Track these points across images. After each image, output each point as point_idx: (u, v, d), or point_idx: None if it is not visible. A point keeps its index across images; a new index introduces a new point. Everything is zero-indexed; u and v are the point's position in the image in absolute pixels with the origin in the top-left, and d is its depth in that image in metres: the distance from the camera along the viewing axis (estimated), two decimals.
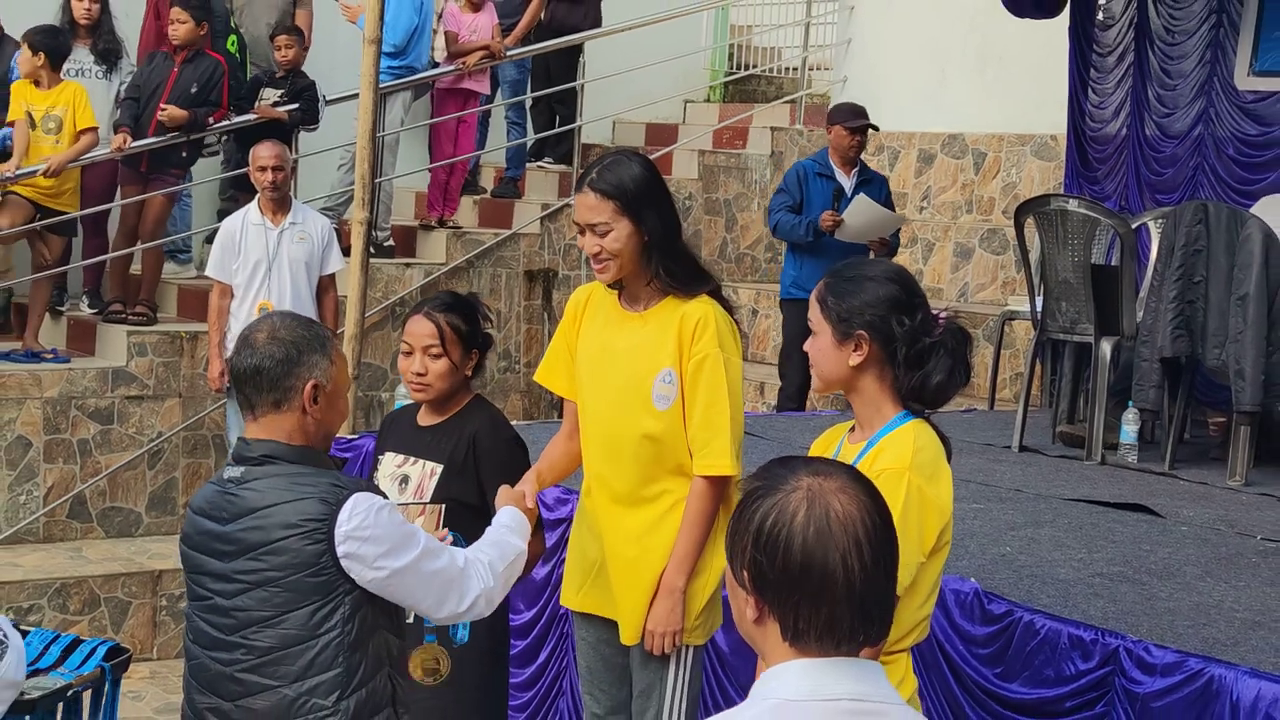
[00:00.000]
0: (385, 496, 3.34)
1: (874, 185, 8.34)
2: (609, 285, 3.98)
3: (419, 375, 4.20)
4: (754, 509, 2.18)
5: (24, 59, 8.49)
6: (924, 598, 3.32)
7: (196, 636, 3.31)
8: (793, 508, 2.15)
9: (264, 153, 7.75)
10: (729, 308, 3.96)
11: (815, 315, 3.35)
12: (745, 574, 2.18)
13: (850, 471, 2.22)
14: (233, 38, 9.52)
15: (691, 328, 3.85)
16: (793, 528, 2.14)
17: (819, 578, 2.13)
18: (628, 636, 3.97)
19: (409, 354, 4.22)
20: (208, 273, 7.93)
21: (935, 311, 3.36)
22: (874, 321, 3.28)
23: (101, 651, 3.57)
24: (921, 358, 3.28)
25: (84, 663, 3.90)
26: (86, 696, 4.03)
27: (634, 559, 3.93)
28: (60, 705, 3.78)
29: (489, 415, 4.33)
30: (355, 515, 3.17)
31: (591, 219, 3.85)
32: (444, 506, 4.15)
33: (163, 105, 8.60)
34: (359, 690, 3.24)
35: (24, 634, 3.57)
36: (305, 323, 3.37)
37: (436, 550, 3.32)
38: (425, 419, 4.31)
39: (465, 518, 4.14)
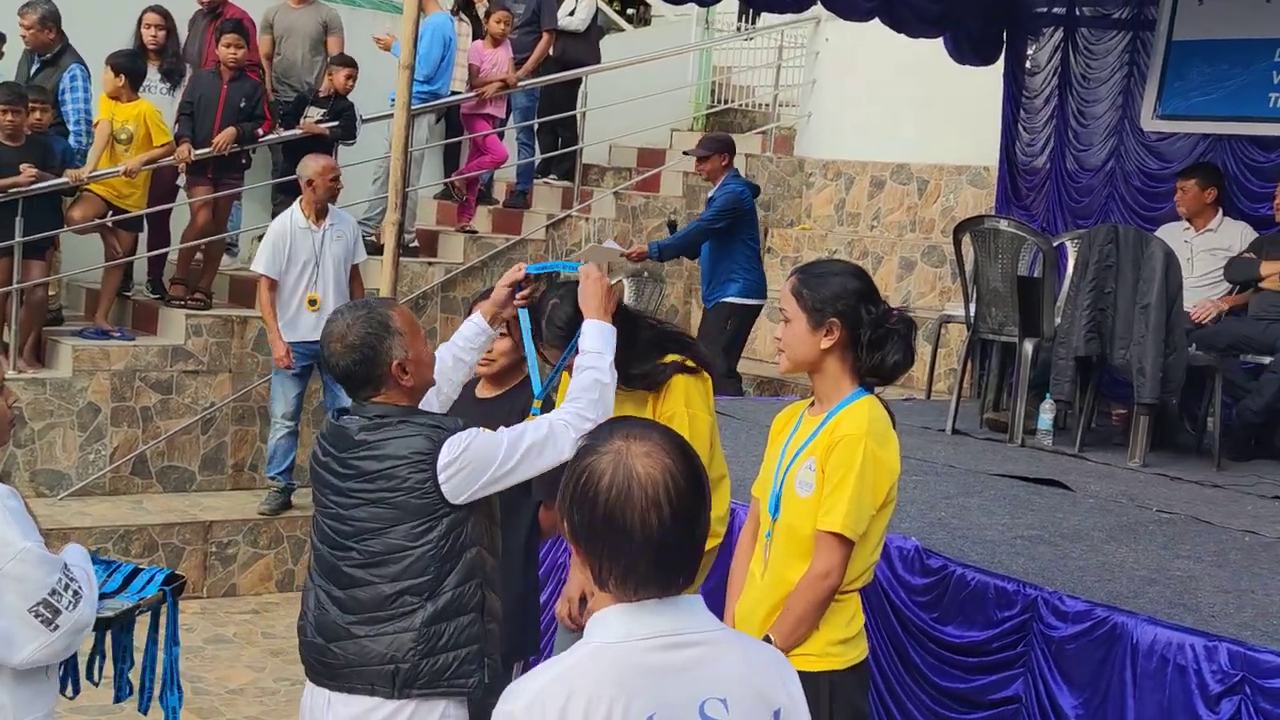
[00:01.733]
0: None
1: (713, 197, 8.53)
2: None
3: (486, 351, 4.15)
4: (574, 467, 2.15)
5: (108, 79, 8.47)
6: (873, 545, 3.39)
7: (320, 535, 3.46)
8: (600, 468, 2.11)
9: (322, 164, 7.87)
10: (704, 364, 3.92)
11: (790, 306, 3.40)
12: (565, 525, 2.15)
13: (663, 435, 2.16)
14: None
15: (662, 390, 3.86)
16: (599, 487, 2.10)
17: (619, 532, 2.08)
18: None
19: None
20: (257, 268, 7.87)
21: (891, 308, 3.43)
22: (845, 310, 3.34)
23: (159, 578, 3.57)
24: (882, 341, 3.35)
25: (144, 588, 3.89)
26: (148, 619, 4.07)
27: None
28: (130, 622, 3.81)
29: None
30: (452, 450, 3.29)
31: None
32: None
33: (217, 126, 8.63)
34: (445, 594, 3.35)
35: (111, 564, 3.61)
36: (365, 317, 3.41)
37: (520, 440, 3.37)
38: (483, 391, 4.28)
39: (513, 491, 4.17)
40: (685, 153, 8.65)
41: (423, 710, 3.35)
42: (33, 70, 8.70)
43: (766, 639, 3.22)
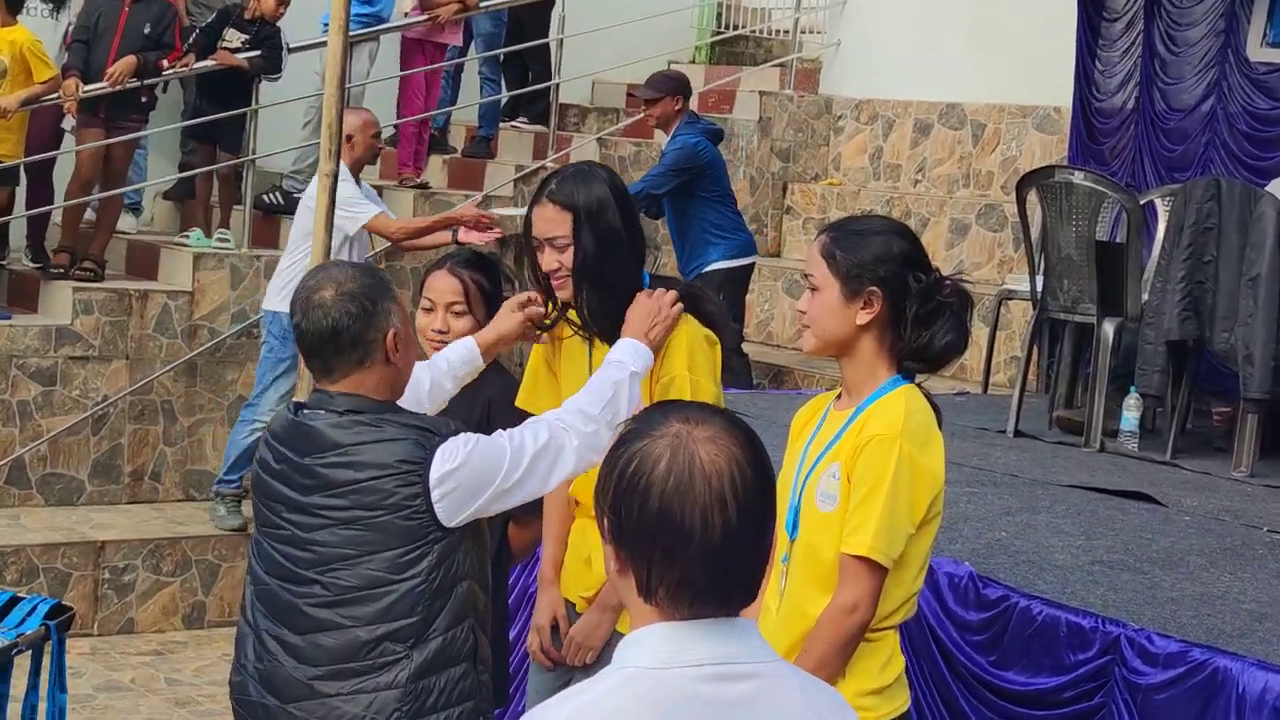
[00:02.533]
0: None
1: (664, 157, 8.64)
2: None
3: (440, 333, 4.12)
4: (620, 453, 2.13)
5: None
6: (914, 572, 3.34)
7: (267, 564, 3.32)
8: (655, 455, 2.10)
9: (362, 119, 8.17)
10: (712, 323, 3.89)
11: (820, 273, 3.34)
12: (606, 522, 2.13)
13: (727, 419, 2.15)
14: None
15: (662, 348, 3.78)
16: (652, 477, 2.08)
17: (674, 533, 2.07)
18: None
19: (430, 310, 4.16)
20: (368, 214, 7.99)
21: (945, 276, 3.38)
22: (888, 277, 3.28)
23: (43, 609, 3.50)
24: (931, 317, 3.29)
25: (23, 621, 3.83)
26: (28, 660, 4.01)
27: None
28: (7, 664, 3.75)
29: (505, 382, 4.30)
30: (447, 461, 3.19)
31: (550, 232, 3.79)
32: None
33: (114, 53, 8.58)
34: (435, 639, 3.26)
35: None
36: (365, 269, 3.39)
37: (519, 446, 3.31)
38: None
39: None
40: (631, 93, 8.64)
41: None
42: None
43: None
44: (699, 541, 2.07)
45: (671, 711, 2.05)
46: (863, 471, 3.23)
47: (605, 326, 3.81)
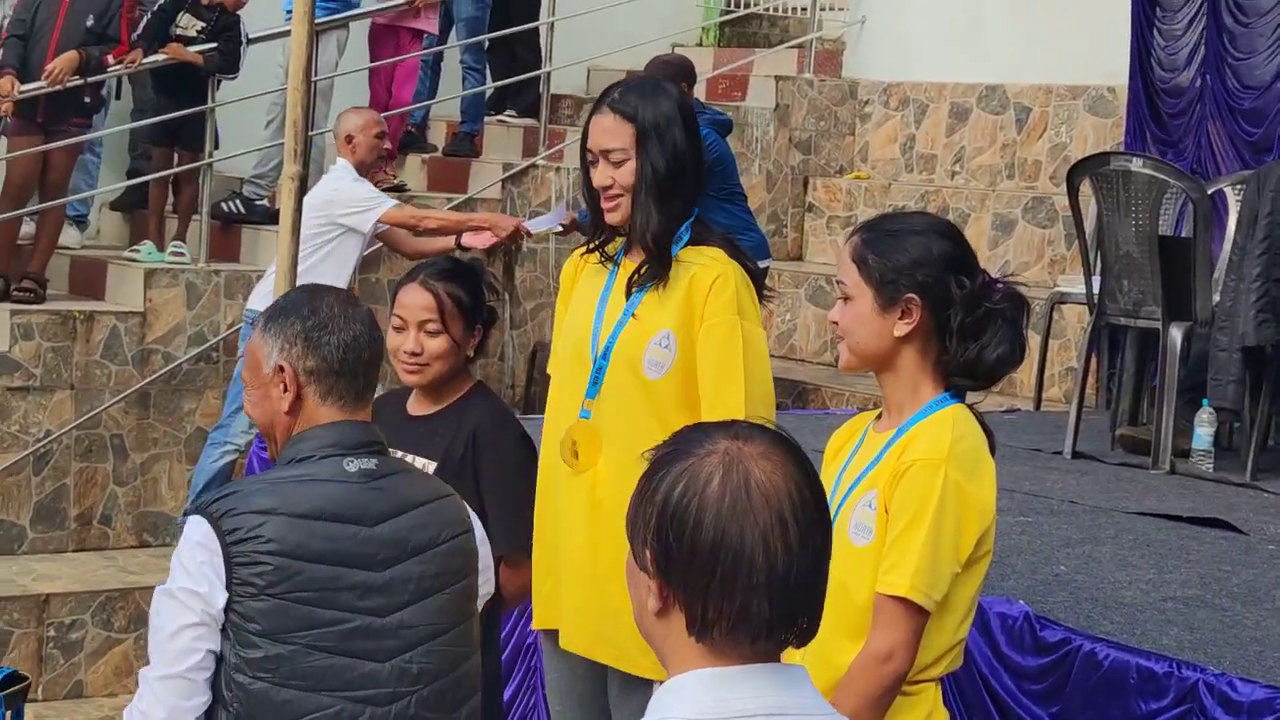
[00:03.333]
0: None
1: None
2: (617, 230, 4.00)
3: (413, 355, 4.15)
4: (661, 476, 2.14)
5: None
6: (960, 616, 3.31)
7: (319, 680, 3.04)
8: (706, 474, 2.10)
9: (364, 118, 8.38)
10: (747, 262, 3.98)
11: (851, 279, 3.32)
12: (648, 554, 2.13)
13: (776, 435, 2.17)
14: None
15: (705, 289, 3.87)
16: (704, 498, 2.09)
17: (734, 559, 2.07)
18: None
19: (401, 329, 4.17)
20: (384, 207, 8.14)
21: (995, 279, 3.34)
22: (927, 283, 3.26)
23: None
24: (979, 327, 3.26)
25: None
26: None
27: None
28: None
29: (492, 407, 4.33)
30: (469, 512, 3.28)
31: (607, 144, 3.89)
32: None
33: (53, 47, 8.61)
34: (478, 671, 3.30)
35: None
36: (347, 292, 3.47)
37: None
38: (417, 407, 4.29)
39: None
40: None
41: None
42: None
43: None
44: (762, 568, 2.07)
45: None
46: (903, 500, 3.19)
47: (653, 253, 3.90)
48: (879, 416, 3.40)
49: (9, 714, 3.52)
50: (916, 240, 3.30)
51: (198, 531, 2.98)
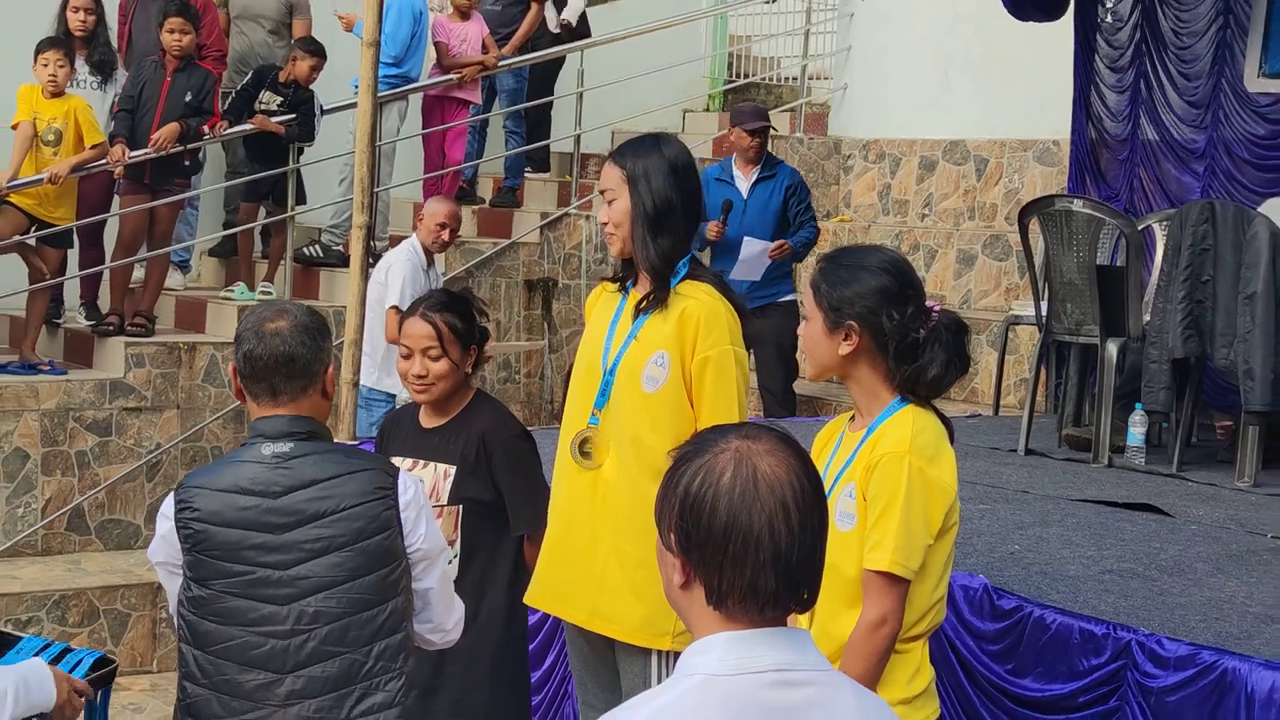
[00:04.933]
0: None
1: (777, 178, 8.37)
2: (619, 263, 4.04)
3: (420, 377, 4.18)
4: (682, 471, 2.16)
5: (41, 67, 8.48)
6: (936, 579, 3.34)
7: (229, 617, 3.26)
8: (719, 468, 2.13)
9: (433, 208, 7.88)
10: (734, 300, 3.95)
11: (808, 301, 3.37)
12: (672, 536, 2.16)
13: (780, 434, 2.20)
14: None
15: (698, 321, 3.84)
16: (719, 488, 2.12)
17: (743, 539, 2.10)
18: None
19: (408, 356, 4.20)
20: (393, 303, 7.54)
21: (931, 305, 3.37)
22: (864, 313, 3.29)
23: (88, 663, 3.37)
24: (914, 351, 3.30)
25: (72, 670, 3.71)
26: None
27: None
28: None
29: (494, 410, 4.34)
30: (408, 489, 3.36)
31: (604, 186, 3.94)
32: (461, 507, 4.17)
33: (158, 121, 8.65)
34: (413, 655, 3.39)
35: (15, 641, 3.40)
36: (307, 309, 3.49)
37: (443, 549, 3.50)
38: (428, 420, 4.29)
39: (481, 515, 4.19)
40: (744, 128, 8.37)
41: None
42: None
43: None
44: (768, 547, 2.10)
45: (737, 715, 2.07)
46: (877, 489, 3.23)
47: (656, 278, 3.89)
48: (852, 418, 3.44)
49: (98, 694, 3.41)
50: (863, 275, 3.33)
51: (167, 505, 3.35)
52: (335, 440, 3.59)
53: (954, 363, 3.33)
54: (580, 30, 11.03)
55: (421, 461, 4.26)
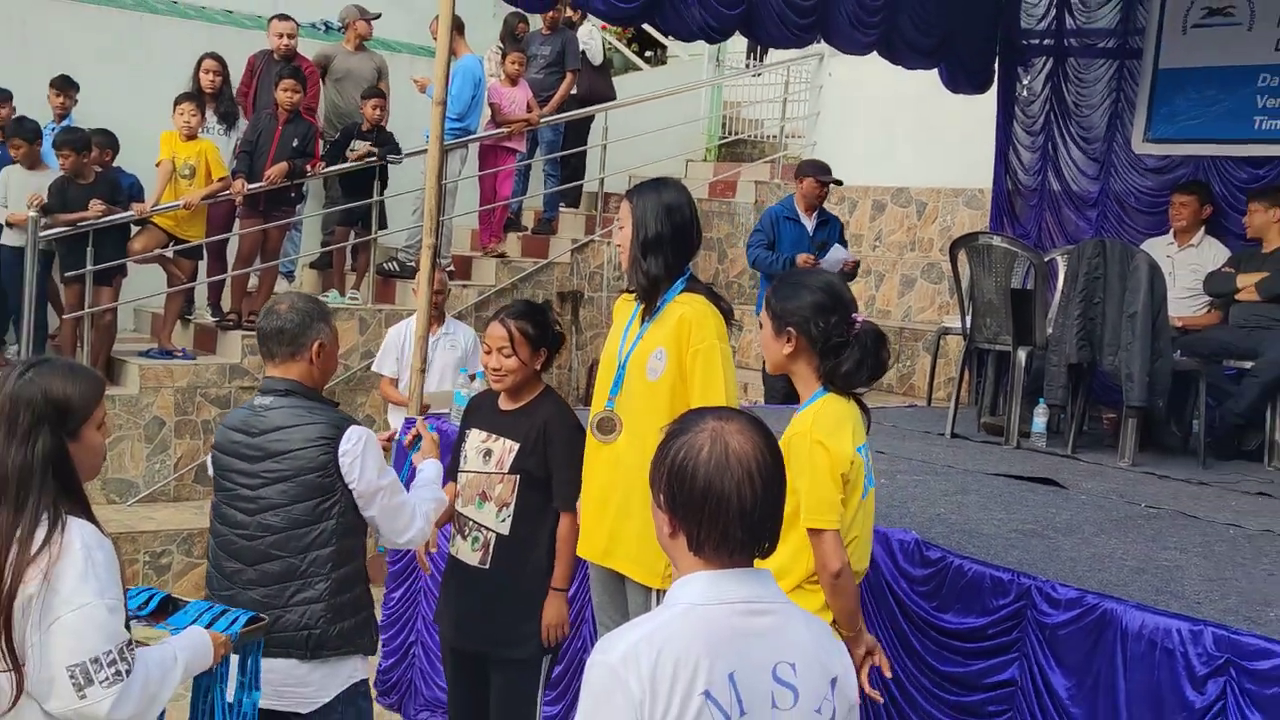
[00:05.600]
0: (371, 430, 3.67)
1: (831, 225, 8.30)
2: (628, 280, 4.03)
3: (495, 370, 4.18)
4: (669, 445, 2.18)
5: (179, 117, 8.51)
6: (843, 539, 3.33)
7: (223, 519, 3.58)
8: (699, 444, 2.15)
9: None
10: (722, 304, 3.93)
11: (765, 311, 3.45)
12: (662, 497, 2.18)
13: (750, 418, 2.21)
14: None
15: (691, 324, 3.83)
16: (698, 460, 2.13)
17: (717, 500, 2.11)
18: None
19: (489, 352, 4.19)
20: (375, 368, 7.36)
21: (855, 317, 3.42)
22: (799, 322, 3.36)
23: (242, 620, 3.36)
24: (836, 351, 3.34)
25: (229, 627, 3.44)
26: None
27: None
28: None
29: (557, 405, 4.29)
30: (352, 440, 3.51)
31: (619, 217, 3.97)
32: (518, 478, 4.16)
33: (270, 162, 8.67)
34: (344, 567, 3.56)
35: (183, 605, 3.31)
36: (313, 299, 3.71)
37: (399, 489, 3.65)
38: (505, 404, 4.27)
39: (533, 486, 4.18)
40: (818, 179, 8.05)
41: (334, 666, 3.56)
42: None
43: None
44: (735, 507, 2.12)
45: (714, 635, 2.09)
46: (794, 464, 3.23)
47: (644, 292, 3.93)
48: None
49: (250, 655, 3.36)
50: (802, 293, 3.40)
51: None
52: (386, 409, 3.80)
53: (866, 363, 3.37)
54: (605, 91, 10.99)
55: (494, 436, 4.23)
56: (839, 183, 8.32)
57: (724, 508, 2.11)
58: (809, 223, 8.16)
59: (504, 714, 4.23)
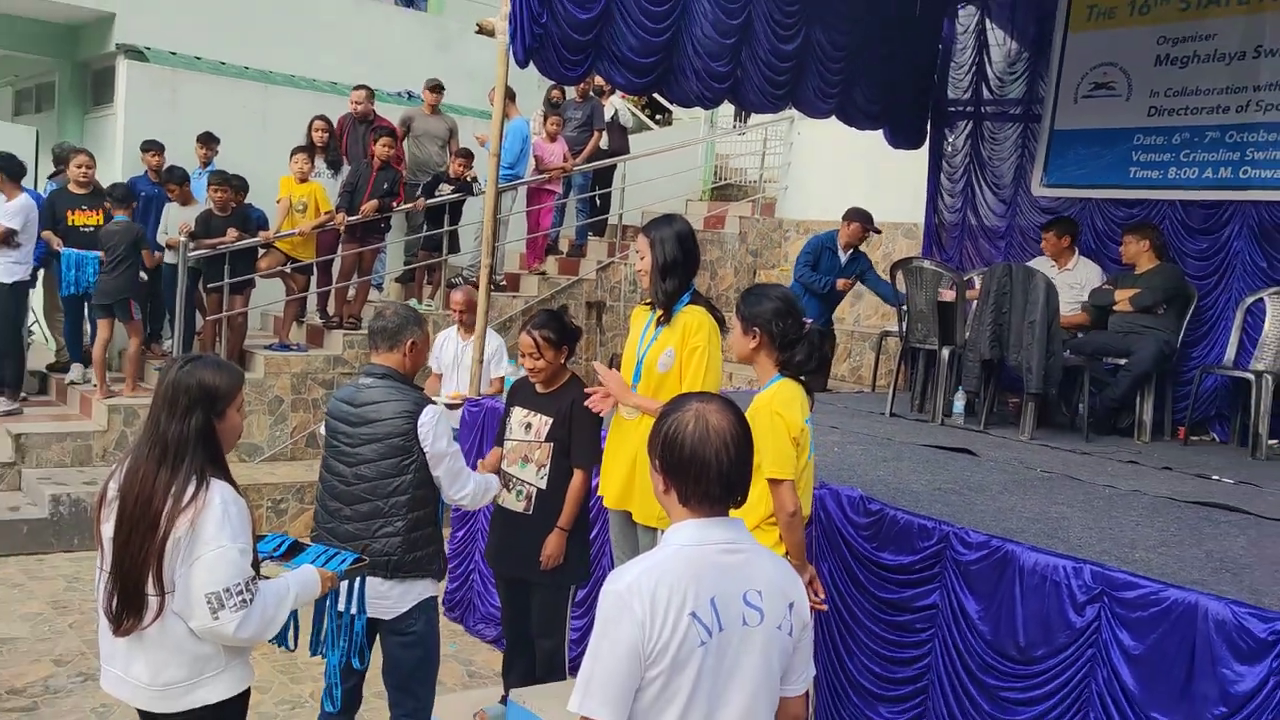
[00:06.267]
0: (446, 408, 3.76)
1: (859, 259, 8.03)
2: (645, 294, 4.00)
3: (529, 369, 4.20)
4: (663, 422, 2.19)
5: (294, 165, 8.55)
6: (796, 483, 3.33)
7: (329, 468, 3.63)
8: (685, 420, 2.15)
9: (457, 297, 6.65)
10: (717, 314, 3.93)
11: (735, 315, 3.47)
12: (658, 461, 2.18)
13: (726, 400, 2.22)
14: None
15: (693, 329, 3.85)
16: (685, 433, 2.13)
17: (700, 465, 2.12)
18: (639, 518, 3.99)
19: (523, 356, 4.22)
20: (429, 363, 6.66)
21: (806, 320, 3.47)
22: (762, 323, 3.38)
23: (349, 560, 3.36)
24: (791, 345, 3.37)
25: (338, 565, 3.42)
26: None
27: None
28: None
29: (580, 389, 4.29)
30: (428, 415, 3.53)
31: (638, 248, 3.94)
32: (553, 444, 4.17)
33: (366, 201, 8.69)
34: (417, 511, 3.57)
35: (305, 548, 3.29)
36: (411, 309, 3.73)
37: (460, 458, 3.63)
38: (541, 388, 4.29)
39: (563, 452, 4.20)
40: (865, 226, 7.82)
41: (409, 585, 3.58)
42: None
43: None
44: (714, 469, 2.12)
45: (699, 569, 2.09)
46: (756, 431, 3.21)
47: (664, 304, 3.90)
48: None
49: (355, 584, 3.41)
50: (765, 301, 3.42)
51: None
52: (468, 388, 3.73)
53: (814, 355, 3.40)
54: (621, 145, 10.97)
55: (534, 412, 4.25)
56: (879, 232, 8.09)
57: (706, 470, 2.11)
58: (843, 255, 7.98)
59: (541, 623, 4.27)
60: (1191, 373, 6.98)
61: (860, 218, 7.98)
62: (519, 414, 4.30)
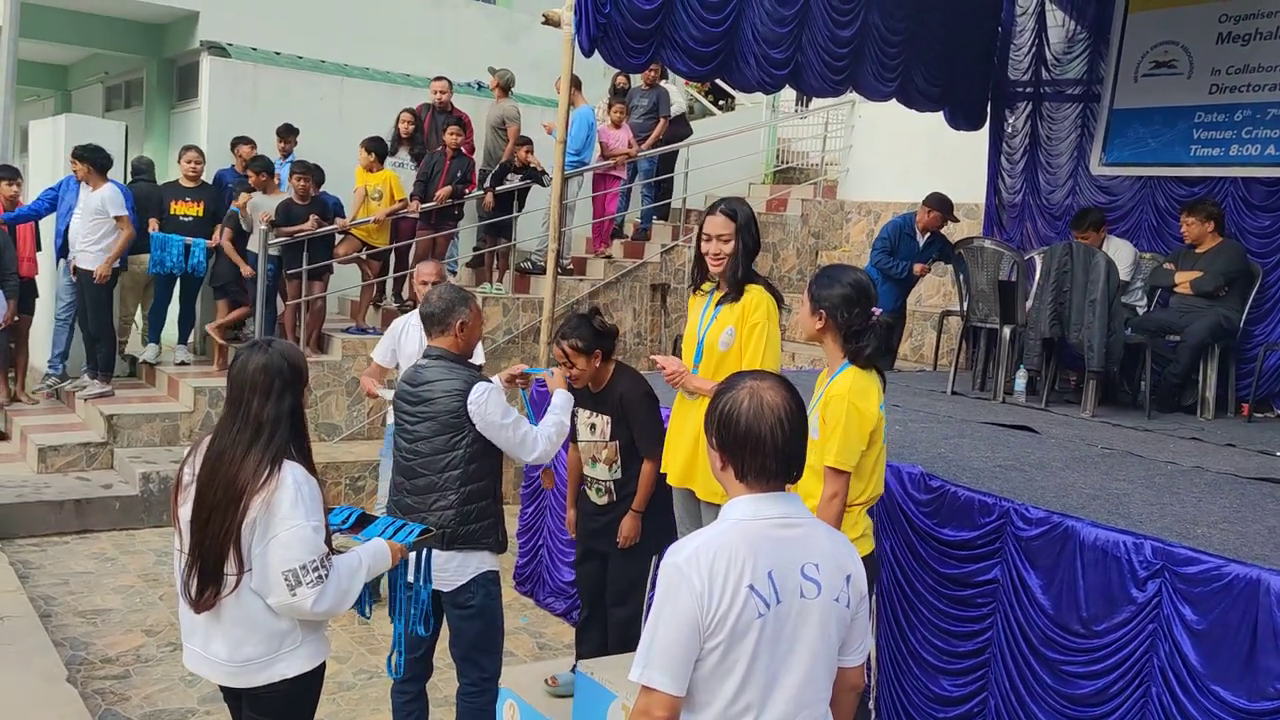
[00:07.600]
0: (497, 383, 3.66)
1: (936, 242, 7.93)
2: (708, 277, 3.95)
3: (569, 377, 4.18)
4: (719, 400, 2.18)
5: (361, 156, 8.70)
6: (868, 475, 3.32)
7: (395, 445, 3.69)
8: (740, 398, 2.14)
9: (425, 270, 5.50)
10: (775, 292, 3.93)
11: (805, 294, 3.41)
12: (714, 439, 2.18)
13: (779, 378, 2.19)
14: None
15: (753, 307, 3.85)
16: (740, 410, 2.13)
17: (755, 440, 2.11)
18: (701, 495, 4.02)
19: (560, 365, 4.20)
20: (372, 355, 5.82)
21: (874, 310, 3.36)
22: (829, 307, 3.31)
23: (416, 532, 3.45)
24: (858, 335, 3.30)
25: (406, 537, 3.48)
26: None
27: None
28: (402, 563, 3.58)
29: (630, 377, 4.30)
30: (478, 392, 3.53)
31: (718, 231, 3.84)
32: (618, 442, 4.23)
33: (440, 187, 8.79)
34: (471, 484, 3.59)
35: (373, 520, 3.33)
36: (458, 289, 3.72)
37: (518, 424, 3.59)
38: (593, 387, 4.30)
39: (630, 448, 4.25)
40: (944, 214, 7.73)
41: (466, 557, 3.60)
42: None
43: None
44: (770, 445, 2.12)
45: (756, 543, 2.10)
46: (830, 417, 3.23)
47: (731, 288, 3.87)
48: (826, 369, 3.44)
49: (422, 555, 3.52)
50: (836, 286, 3.33)
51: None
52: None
53: (880, 348, 3.34)
54: (682, 131, 10.94)
55: (595, 413, 4.29)
56: (957, 220, 7.97)
57: (761, 446, 2.11)
58: (920, 239, 7.86)
59: (616, 592, 4.39)
60: (1256, 349, 6.80)
61: (941, 206, 7.81)
62: (583, 415, 4.36)
